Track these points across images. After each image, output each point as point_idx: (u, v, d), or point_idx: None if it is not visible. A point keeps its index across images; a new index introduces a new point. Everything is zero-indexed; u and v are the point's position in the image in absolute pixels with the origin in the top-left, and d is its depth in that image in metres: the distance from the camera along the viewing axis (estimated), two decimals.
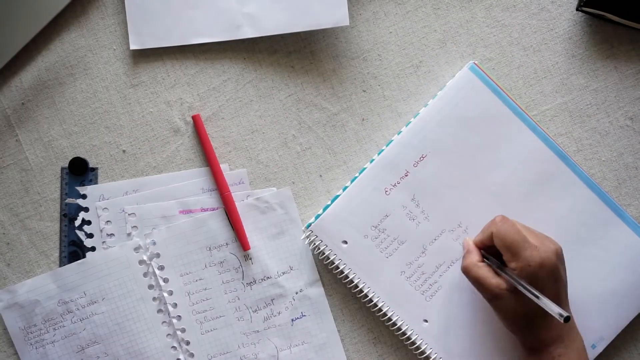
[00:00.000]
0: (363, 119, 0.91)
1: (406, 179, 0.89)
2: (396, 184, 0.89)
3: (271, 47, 0.91)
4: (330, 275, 0.91)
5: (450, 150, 0.88)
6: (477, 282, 0.80)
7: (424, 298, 0.89)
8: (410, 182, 0.89)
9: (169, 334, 0.90)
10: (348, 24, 0.88)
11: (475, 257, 0.82)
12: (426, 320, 0.89)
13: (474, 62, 0.88)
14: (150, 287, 0.90)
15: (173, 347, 0.90)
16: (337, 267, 0.89)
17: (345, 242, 0.89)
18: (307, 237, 0.89)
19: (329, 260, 0.89)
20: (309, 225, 0.89)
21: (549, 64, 0.91)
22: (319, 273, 0.91)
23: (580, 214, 0.88)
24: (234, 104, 0.92)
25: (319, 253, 0.89)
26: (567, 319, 0.72)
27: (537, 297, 0.75)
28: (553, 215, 0.88)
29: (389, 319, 0.89)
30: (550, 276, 0.78)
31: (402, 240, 0.89)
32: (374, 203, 0.89)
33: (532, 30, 0.91)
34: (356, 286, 0.89)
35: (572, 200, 0.88)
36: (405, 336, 0.89)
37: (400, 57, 0.91)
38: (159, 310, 0.90)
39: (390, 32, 0.91)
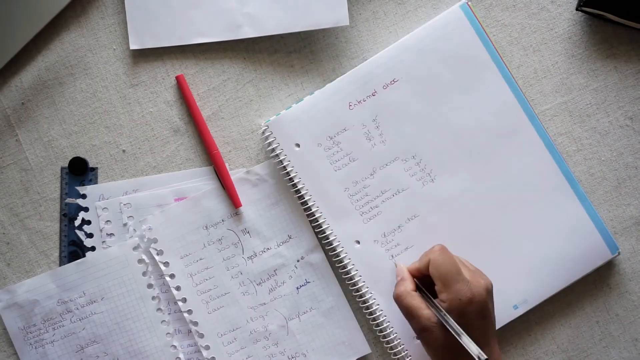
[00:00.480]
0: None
1: (373, 98, 0.88)
2: (362, 101, 0.89)
3: (271, 47, 0.91)
4: (332, 277, 0.91)
5: (422, 82, 0.88)
6: (409, 312, 0.80)
7: (361, 220, 0.89)
8: (376, 102, 0.88)
9: (168, 333, 0.90)
10: (348, 23, 0.88)
11: (409, 285, 0.82)
12: (358, 242, 0.88)
13: (467, 2, 0.89)
14: (150, 286, 0.90)
15: (173, 346, 0.90)
16: (285, 169, 0.89)
17: (298, 145, 0.89)
18: (263, 132, 0.89)
19: (277, 160, 0.89)
20: (269, 121, 0.89)
21: (549, 63, 0.91)
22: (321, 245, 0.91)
23: (534, 176, 0.88)
24: (234, 103, 0.92)
25: (270, 151, 0.89)
26: None
27: (459, 335, 0.75)
28: (507, 169, 0.88)
29: (323, 232, 0.89)
30: (479, 313, 0.78)
31: (354, 157, 0.89)
32: (335, 114, 0.89)
33: (532, 30, 0.91)
34: (298, 191, 0.89)
35: (530, 160, 0.88)
36: (335, 252, 0.89)
37: None
38: (158, 309, 0.89)
39: (390, 32, 0.91)
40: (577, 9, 0.89)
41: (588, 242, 0.88)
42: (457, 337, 0.75)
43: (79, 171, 0.91)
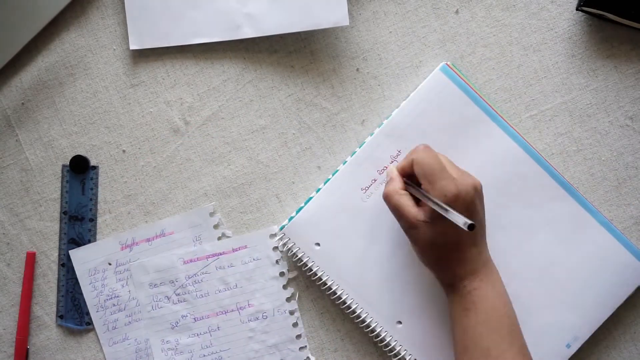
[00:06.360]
0: (363, 120, 0.91)
1: (378, 181, 0.88)
2: (369, 187, 0.88)
3: (271, 47, 0.91)
4: None
5: None
6: (397, 210, 0.79)
7: (397, 298, 0.88)
8: (383, 184, 0.88)
9: None
10: (348, 24, 0.88)
11: (397, 184, 0.81)
12: (400, 322, 0.88)
13: (446, 63, 0.88)
14: None
15: None
16: (310, 269, 0.89)
17: (318, 244, 0.89)
18: (280, 239, 0.89)
19: (302, 263, 0.89)
20: (282, 227, 0.89)
21: (549, 63, 0.91)
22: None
23: (555, 216, 0.88)
24: (234, 104, 0.92)
25: (292, 255, 0.89)
26: (472, 226, 0.71)
27: (446, 210, 0.74)
28: (528, 215, 0.88)
29: (363, 321, 0.88)
30: (465, 209, 0.77)
31: (376, 242, 0.88)
32: (348, 205, 0.88)
33: (532, 30, 0.91)
34: (329, 288, 0.89)
35: (548, 201, 0.88)
36: (379, 338, 0.88)
37: (400, 57, 0.91)
38: None
39: (390, 32, 0.91)
40: (577, 9, 0.88)
41: (622, 265, 0.88)
42: (444, 213, 0.74)
43: (81, 169, 0.91)
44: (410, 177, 0.82)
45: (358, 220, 0.89)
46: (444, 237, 0.77)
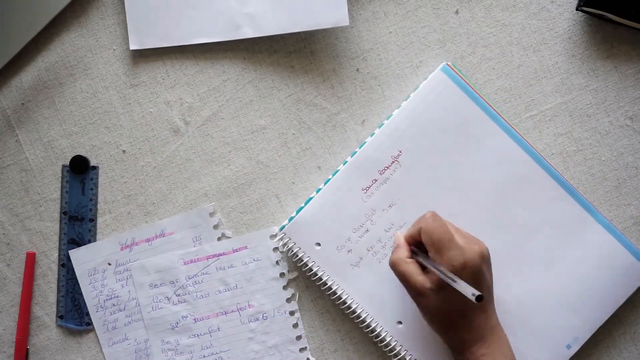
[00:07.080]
0: (363, 120, 0.91)
1: (379, 181, 0.88)
2: (369, 187, 0.88)
3: (271, 47, 0.91)
4: None
5: (423, 152, 0.88)
6: (403, 278, 0.80)
7: (397, 299, 0.88)
8: (385, 184, 0.88)
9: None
10: (348, 24, 0.88)
11: (404, 252, 0.81)
12: (400, 322, 0.88)
13: (447, 63, 0.88)
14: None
15: None
16: (311, 270, 0.89)
17: (319, 244, 0.89)
18: (281, 239, 0.89)
19: (302, 263, 0.89)
20: (282, 227, 0.89)
21: (549, 63, 0.91)
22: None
23: (555, 215, 0.87)
24: (234, 104, 0.92)
25: (292, 255, 0.89)
26: (480, 297, 0.71)
27: (454, 281, 0.74)
28: (528, 215, 0.88)
29: (363, 321, 0.88)
30: (473, 278, 0.77)
31: (377, 242, 0.88)
32: (349, 205, 0.88)
33: (532, 30, 0.91)
34: (329, 288, 0.88)
35: (547, 201, 0.88)
36: (379, 338, 0.88)
37: (400, 57, 0.91)
38: None
39: (390, 32, 0.91)
40: (577, 9, 0.89)
41: (622, 265, 0.87)
42: (452, 283, 0.74)
43: (80, 169, 0.91)
44: (418, 245, 0.82)
45: (359, 220, 0.88)
46: (451, 305, 0.77)
